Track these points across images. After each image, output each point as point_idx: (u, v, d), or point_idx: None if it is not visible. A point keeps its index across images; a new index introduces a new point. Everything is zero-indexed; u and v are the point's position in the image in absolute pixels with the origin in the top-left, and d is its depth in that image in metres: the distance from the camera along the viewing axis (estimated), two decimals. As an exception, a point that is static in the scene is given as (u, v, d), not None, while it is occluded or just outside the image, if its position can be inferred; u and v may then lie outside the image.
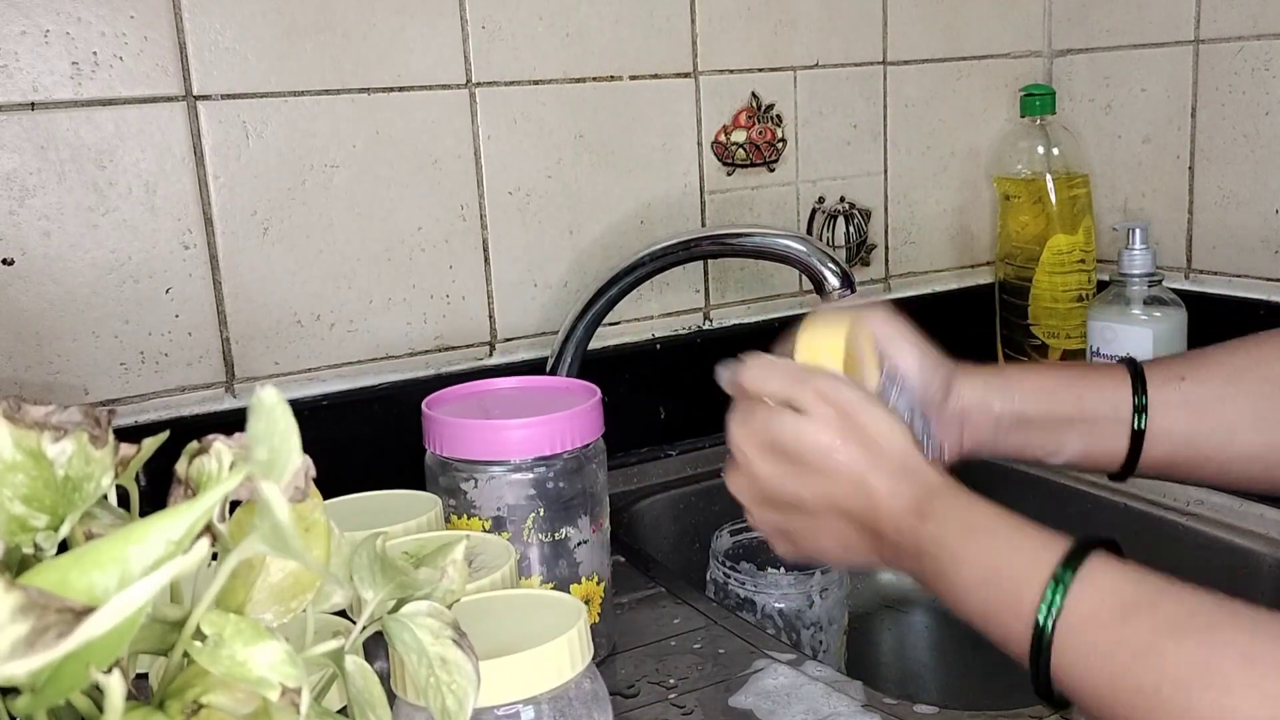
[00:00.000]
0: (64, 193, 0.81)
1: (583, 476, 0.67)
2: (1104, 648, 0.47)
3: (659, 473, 1.02)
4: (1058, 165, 1.13)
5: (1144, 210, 1.15)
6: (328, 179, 0.89)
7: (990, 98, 1.20)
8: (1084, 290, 1.12)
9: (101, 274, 0.83)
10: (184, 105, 0.84)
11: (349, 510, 0.65)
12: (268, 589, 0.38)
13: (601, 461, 0.70)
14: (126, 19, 0.81)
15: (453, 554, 0.46)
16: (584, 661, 0.47)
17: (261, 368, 0.89)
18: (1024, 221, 1.14)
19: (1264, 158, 1.04)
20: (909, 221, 1.19)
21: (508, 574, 0.58)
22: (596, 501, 0.69)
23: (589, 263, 1.01)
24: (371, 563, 0.41)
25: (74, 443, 0.36)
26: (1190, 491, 0.90)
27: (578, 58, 0.98)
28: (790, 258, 0.88)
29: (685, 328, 1.07)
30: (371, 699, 0.40)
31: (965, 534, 0.54)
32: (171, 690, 0.34)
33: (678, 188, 1.05)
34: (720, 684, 0.66)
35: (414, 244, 0.93)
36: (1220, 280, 1.09)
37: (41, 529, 0.35)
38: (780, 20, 1.07)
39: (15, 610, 0.26)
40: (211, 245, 0.86)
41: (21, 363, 0.81)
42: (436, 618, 0.41)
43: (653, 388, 1.05)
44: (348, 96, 0.89)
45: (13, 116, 0.79)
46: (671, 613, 0.76)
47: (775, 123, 1.08)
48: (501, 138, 0.96)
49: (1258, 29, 1.03)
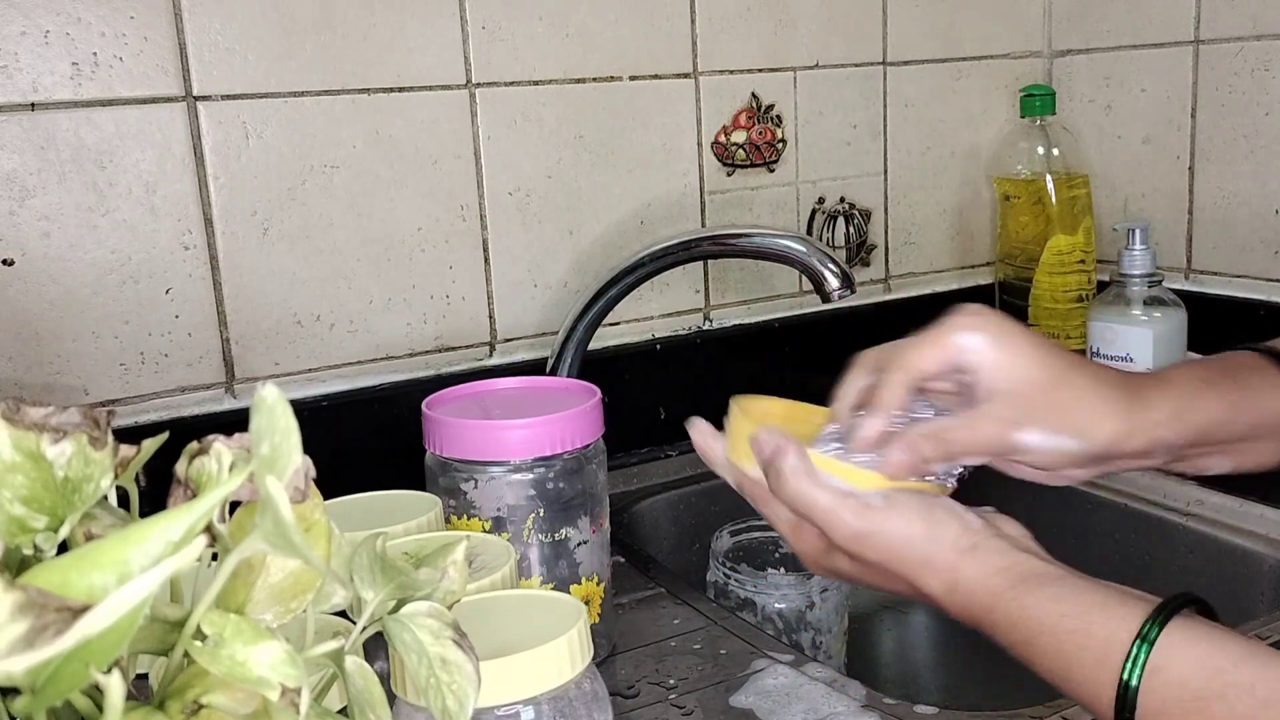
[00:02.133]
0: (64, 193, 0.81)
1: (582, 477, 0.67)
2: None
3: (659, 473, 1.02)
4: (1058, 165, 1.13)
5: (1144, 210, 1.15)
6: (328, 179, 0.89)
7: (990, 98, 1.20)
8: (1084, 290, 1.12)
9: (101, 274, 0.83)
10: (184, 105, 0.84)
11: (349, 510, 0.65)
12: (268, 589, 0.38)
13: (601, 462, 0.69)
14: (126, 19, 0.81)
15: (453, 554, 0.46)
16: (584, 662, 0.47)
17: (261, 368, 0.89)
18: (1024, 222, 1.14)
19: (1264, 158, 1.04)
20: (909, 222, 1.19)
21: (508, 574, 0.58)
22: (596, 502, 0.69)
23: (589, 263, 1.01)
24: (372, 563, 0.41)
25: (73, 444, 0.36)
26: (1190, 491, 0.90)
27: (578, 58, 0.98)
28: (790, 258, 0.88)
29: (685, 328, 1.07)
30: (371, 699, 0.40)
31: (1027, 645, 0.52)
32: (171, 690, 0.34)
33: (678, 188, 1.05)
34: (720, 684, 0.66)
35: (414, 244, 0.93)
36: (1220, 280, 1.09)
37: (41, 530, 0.35)
38: (780, 20, 1.07)
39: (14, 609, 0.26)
40: (211, 245, 0.86)
41: (21, 363, 0.81)
42: (436, 618, 0.41)
43: (653, 388, 1.04)
44: (348, 97, 0.89)
45: (13, 117, 0.79)
46: (671, 613, 0.76)
47: (775, 123, 1.08)
48: (501, 138, 0.96)
49: (1258, 29, 1.03)
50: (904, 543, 0.55)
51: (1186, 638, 0.48)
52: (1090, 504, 0.96)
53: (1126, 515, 0.93)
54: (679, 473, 1.02)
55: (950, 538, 0.55)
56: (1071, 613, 0.51)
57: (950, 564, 0.54)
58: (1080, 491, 0.97)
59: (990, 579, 0.54)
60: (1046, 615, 0.51)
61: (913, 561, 0.55)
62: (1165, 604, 0.49)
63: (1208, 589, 0.60)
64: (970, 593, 0.54)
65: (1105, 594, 0.51)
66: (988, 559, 0.54)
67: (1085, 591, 0.51)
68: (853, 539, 0.56)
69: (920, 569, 0.55)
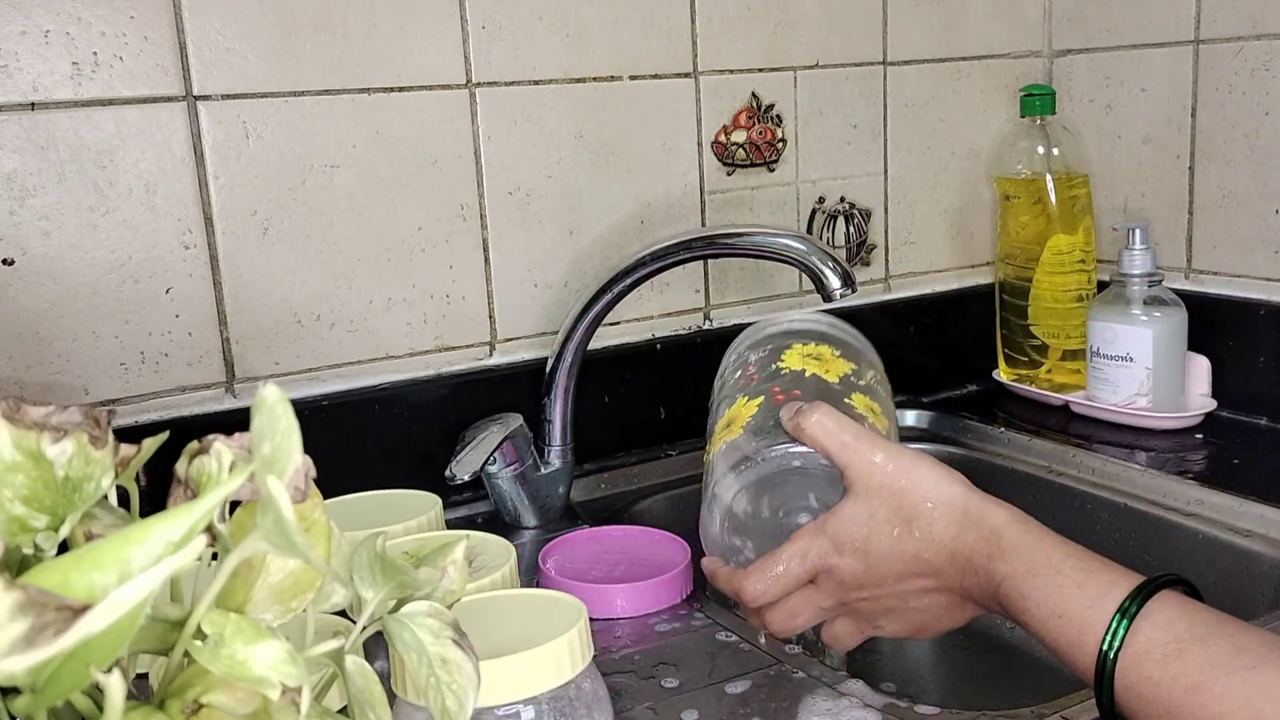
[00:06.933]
0: (64, 193, 0.81)
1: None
2: (1159, 681, 0.51)
3: (659, 473, 1.02)
4: (1058, 165, 1.13)
5: (1144, 210, 1.15)
6: (328, 179, 0.89)
7: (990, 98, 1.20)
8: (1084, 290, 1.12)
9: (101, 274, 0.83)
10: (184, 105, 0.84)
11: (349, 510, 0.65)
12: (268, 589, 0.38)
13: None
14: (126, 19, 0.81)
15: (453, 554, 0.46)
16: (584, 661, 0.47)
17: (262, 368, 0.89)
18: (1024, 221, 1.13)
19: (1264, 158, 1.04)
20: (909, 221, 1.19)
21: (508, 574, 0.58)
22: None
23: (589, 263, 1.01)
24: (372, 563, 0.41)
25: (74, 443, 0.36)
26: (1190, 491, 0.90)
27: (578, 58, 0.98)
28: (790, 257, 0.88)
29: (685, 328, 1.07)
30: (371, 699, 0.40)
31: (1031, 574, 0.57)
32: (172, 690, 0.34)
33: (678, 188, 1.05)
34: (720, 684, 0.66)
35: (414, 244, 0.93)
36: (1220, 280, 1.09)
37: (41, 529, 0.35)
38: (780, 20, 1.07)
39: (14, 608, 0.26)
40: (212, 245, 0.86)
41: (21, 363, 0.81)
42: (437, 618, 0.41)
43: (653, 388, 1.04)
44: (348, 96, 0.89)
45: (13, 116, 0.79)
46: (671, 613, 0.76)
47: (775, 123, 1.08)
48: (501, 138, 0.96)
49: (1258, 29, 1.03)
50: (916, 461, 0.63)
51: (1171, 601, 0.53)
52: (1090, 504, 0.96)
53: (1126, 515, 0.93)
54: (679, 473, 1.02)
55: (962, 480, 0.63)
56: (1077, 554, 0.57)
57: (965, 492, 0.61)
58: (1080, 491, 0.97)
59: (1005, 510, 0.60)
60: (1054, 552, 0.57)
61: (927, 478, 0.62)
62: (1158, 576, 0.55)
63: (1208, 589, 0.60)
64: (982, 516, 0.60)
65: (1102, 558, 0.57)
66: (997, 499, 0.62)
67: (1086, 550, 0.58)
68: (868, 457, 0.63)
69: (933, 490, 0.61)
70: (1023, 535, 0.58)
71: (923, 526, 0.61)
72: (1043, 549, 0.57)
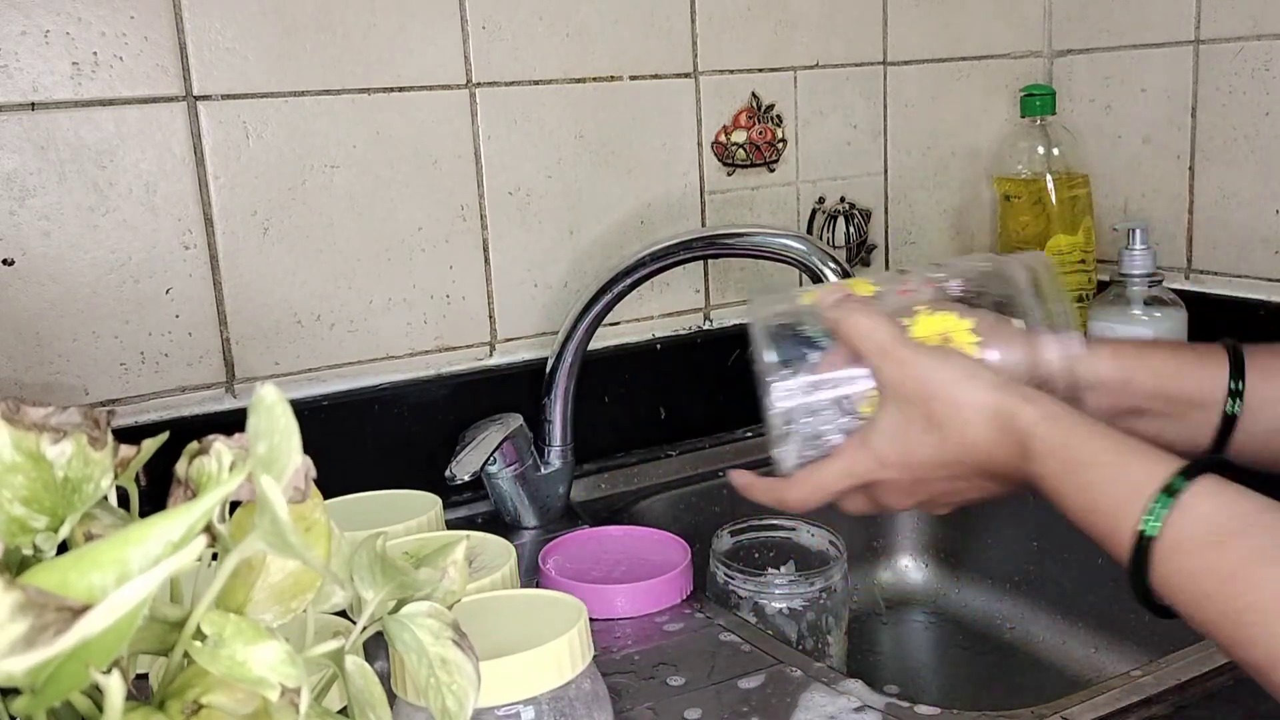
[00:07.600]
0: (64, 193, 0.81)
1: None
2: (1196, 570, 0.50)
3: (659, 473, 1.02)
4: (1058, 165, 1.13)
5: (1144, 210, 1.15)
6: (328, 179, 0.89)
7: (990, 98, 1.20)
8: (1084, 290, 1.12)
9: (101, 274, 0.83)
10: (184, 105, 0.84)
11: (349, 510, 0.65)
12: (268, 589, 0.38)
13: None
14: (126, 19, 0.81)
15: (453, 554, 0.46)
16: (584, 661, 0.47)
17: (261, 368, 0.89)
18: (1024, 222, 1.14)
19: (1264, 158, 1.04)
20: (909, 221, 1.19)
21: (508, 574, 0.58)
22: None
23: (589, 263, 1.01)
24: (372, 563, 0.41)
25: (73, 444, 0.36)
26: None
27: (578, 58, 0.98)
28: (790, 258, 0.88)
29: (685, 328, 1.07)
30: (371, 699, 0.40)
31: (1065, 473, 0.56)
32: (171, 690, 0.34)
33: (678, 188, 1.05)
34: (720, 684, 0.66)
35: (414, 244, 0.93)
36: (1220, 280, 1.09)
37: (41, 530, 0.35)
38: (780, 20, 1.07)
39: (14, 609, 0.26)
40: (212, 245, 0.86)
41: (21, 363, 0.81)
42: (436, 618, 0.41)
43: (653, 388, 1.04)
44: (348, 96, 0.89)
45: (13, 116, 0.79)
46: (671, 613, 0.76)
47: (775, 123, 1.08)
48: (501, 138, 0.96)
49: (1258, 29, 1.03)
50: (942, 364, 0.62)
51: (1210, 489, 0.51)
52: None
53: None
54: (679, 473, 1.02)
55: (991, 372, 0.61)
56: (1113, 444, 0.55)
57: (991, 394, 0.60)
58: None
59: (1034, 406, 0.59)
60: (1087, 445, 0.56)
61: (953, 381, 0.61)
62: (1197, 461, 0.53)
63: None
64: (1011, 419, 0.59)
65: (1139, 442, 0.55)
66: (1030, 393, 0.60)
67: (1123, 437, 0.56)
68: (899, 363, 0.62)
69: (959, 396, 0.60)
70: (1053, 432, 0.57)
71: (955, 434, 0.61)
72: (1075, 443, 0.56)
